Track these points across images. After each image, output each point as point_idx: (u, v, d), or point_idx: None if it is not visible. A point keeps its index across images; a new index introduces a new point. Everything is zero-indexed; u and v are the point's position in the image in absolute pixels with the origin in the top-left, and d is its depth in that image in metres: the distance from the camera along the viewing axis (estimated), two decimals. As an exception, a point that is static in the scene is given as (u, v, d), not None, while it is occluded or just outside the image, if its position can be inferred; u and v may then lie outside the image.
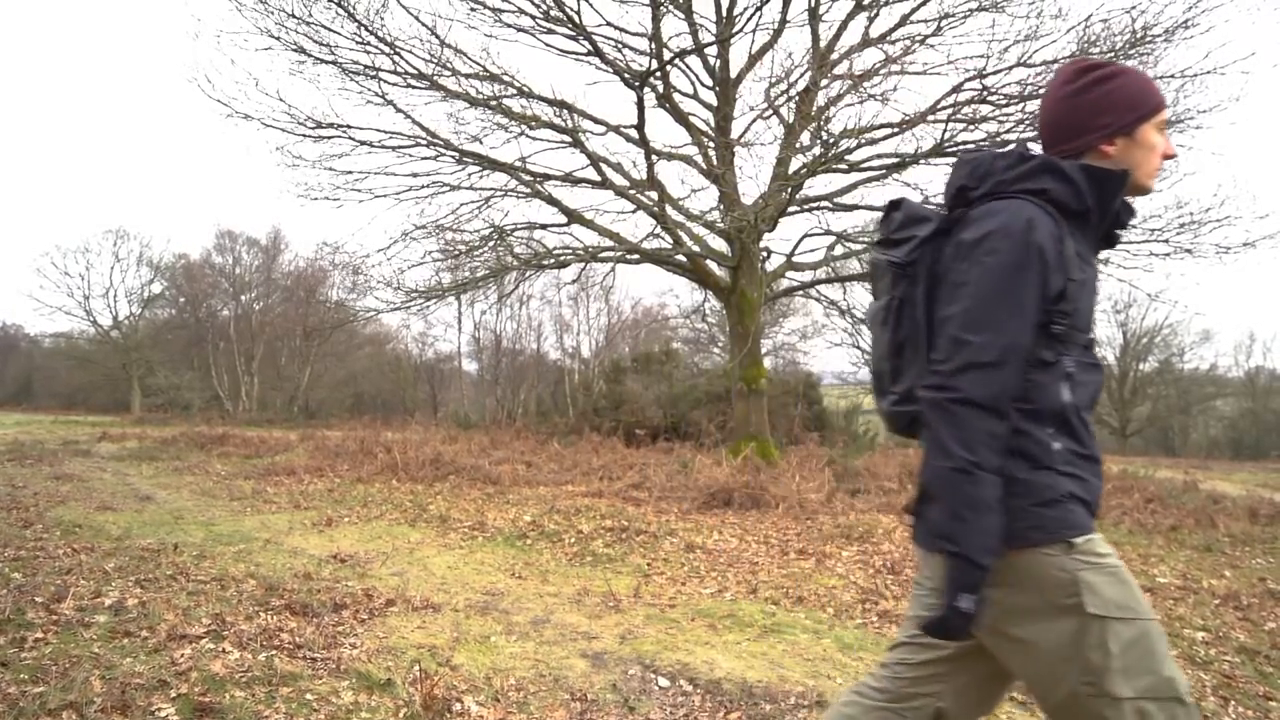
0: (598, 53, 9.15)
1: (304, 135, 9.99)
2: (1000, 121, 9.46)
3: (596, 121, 10.38)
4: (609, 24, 9.82)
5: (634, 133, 9.48)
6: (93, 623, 3.20)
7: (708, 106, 11.12)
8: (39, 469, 9.23)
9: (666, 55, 9.28)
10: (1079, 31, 8.70)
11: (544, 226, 11.37)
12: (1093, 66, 1.41)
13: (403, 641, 3.29)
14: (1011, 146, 1.44)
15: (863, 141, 9.76)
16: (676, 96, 10.42)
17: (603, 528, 6.11)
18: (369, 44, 9.32)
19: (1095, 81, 1.39)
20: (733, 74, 10.99)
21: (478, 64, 9.66)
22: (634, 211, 10.98)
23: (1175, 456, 23.65)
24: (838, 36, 10.16)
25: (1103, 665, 1.22)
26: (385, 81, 9.70)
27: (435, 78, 9.66)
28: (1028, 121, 9.35)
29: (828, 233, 11.94)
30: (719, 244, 11.32)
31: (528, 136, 10.23)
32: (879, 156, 10.32)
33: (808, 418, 15.27)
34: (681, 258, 11.15)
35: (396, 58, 9.45)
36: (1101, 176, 1.34)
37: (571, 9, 8.83)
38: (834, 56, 9.81)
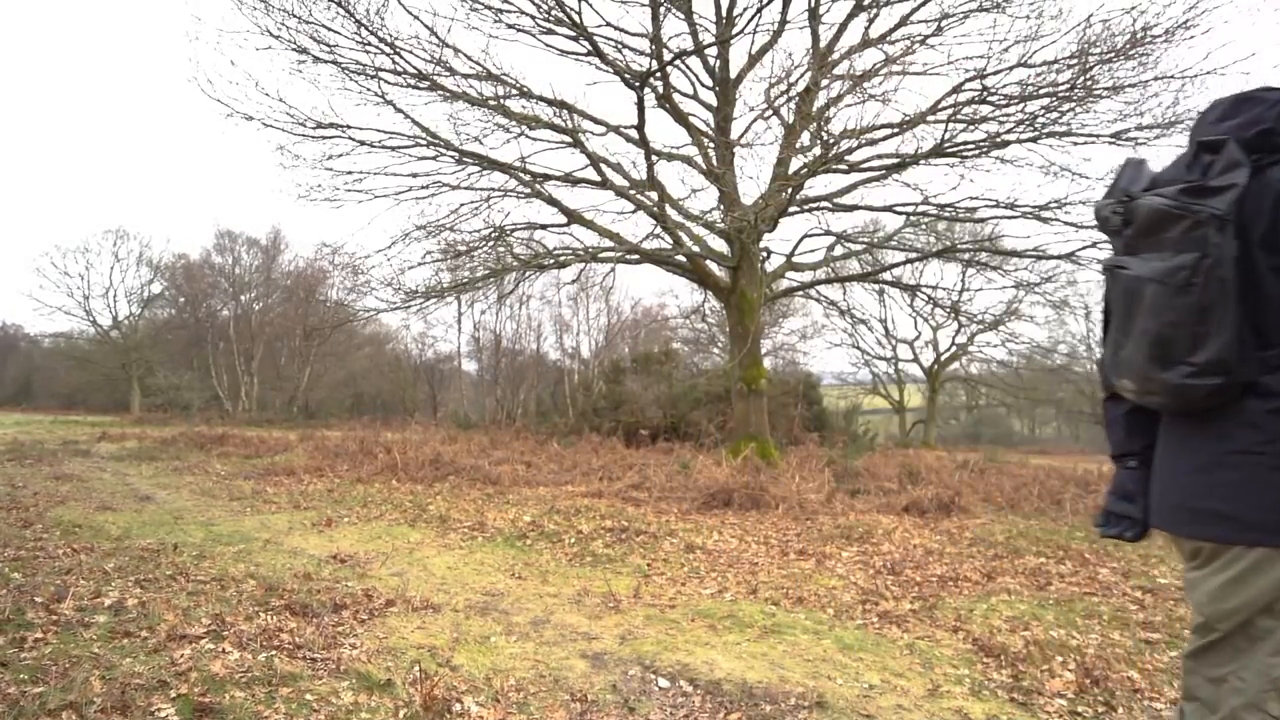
0: (598, 53, 9.14)
1: (304, 135, 9.99)
2: (1000, 122, 9.47)
3: (596, 122, 10.38)
4: (609, 24, 9.83)
5: (634, 133, 9.48)
6: (92, 623, 3.19)
7: (708, 107, 11.12)
8: (38, 469, 9.22)
9: (667, 56, 9.28)
10: (1079, 32, 8.71)
11: (544, 227, 11.37)
12: None
13: (402, 642, 3.29)
14: None
15: (863, 142, 9.76)
16: (676, 97, 10.42)
17: (602, 528, 6.11)
18: (369, 44, 9.32)
19: None
20: (733, 74, 11.00)
21: (478, 64, 9.66)
22: (634, 212, 10.98)
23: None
24: (838, 37, 10.17)
25: (1273, 677, 1.23)
26: (385, 81, 9.70)
27: (435, 78, 9.66)
28: (1027, 122, 9.36)
29: (827, 233, 11.95)
30: (719, 244, 11.32)
31: (528, 137, 10.23)
32: (879, 157, 10.32)
33: (807, 418, 15.27)
34: (681, 258, 11.14)
35: (396, 57, 9.45)
36: None
37: (572, 9, 8.83)
38: (834, 57, 9.82)
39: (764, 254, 11.45)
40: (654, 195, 10.36)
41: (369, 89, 9.79)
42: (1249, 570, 1.26)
